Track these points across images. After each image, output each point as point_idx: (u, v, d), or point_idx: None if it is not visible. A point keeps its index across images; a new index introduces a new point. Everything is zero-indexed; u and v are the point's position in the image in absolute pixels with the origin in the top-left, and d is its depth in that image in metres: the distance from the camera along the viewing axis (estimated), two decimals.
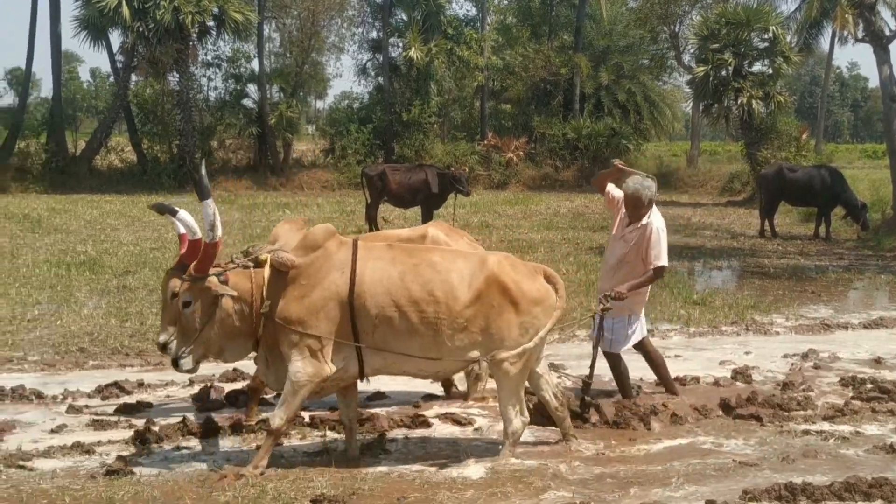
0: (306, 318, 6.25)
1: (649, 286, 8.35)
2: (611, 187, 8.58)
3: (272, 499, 5.80)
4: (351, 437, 6.82)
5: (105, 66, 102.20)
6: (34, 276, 14.55)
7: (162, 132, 37.42)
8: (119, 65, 37.93)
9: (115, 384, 8.44)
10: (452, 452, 6.90)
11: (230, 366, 9.28)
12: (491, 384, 7.58)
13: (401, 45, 41.66)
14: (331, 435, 7.27)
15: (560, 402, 7.10)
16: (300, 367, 6.26)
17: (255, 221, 23.53)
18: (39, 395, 8.27)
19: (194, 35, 36.14)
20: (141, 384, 8.72)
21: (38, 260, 16.24)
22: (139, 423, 7.46)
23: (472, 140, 42.92)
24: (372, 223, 21.71)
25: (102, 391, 8.39)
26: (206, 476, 6.25)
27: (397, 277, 6.36)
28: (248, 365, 9.22)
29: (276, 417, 6.33)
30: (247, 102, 40.65)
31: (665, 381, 8.70)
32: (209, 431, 7.26)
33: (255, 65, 40.62)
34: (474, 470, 6.47)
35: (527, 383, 6.94)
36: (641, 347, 8.62)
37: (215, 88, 41.13)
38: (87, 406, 8.01)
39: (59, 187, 33.64)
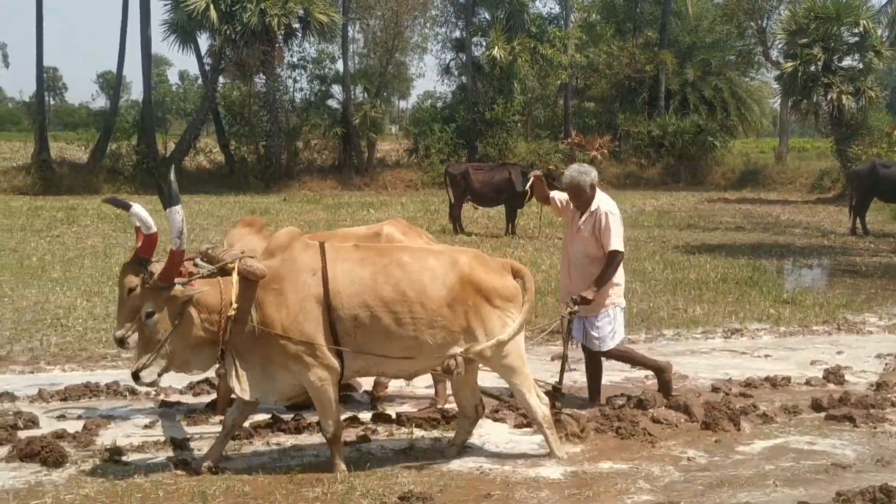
0: (290, 324, 6.13)
1: (620, 277, 8.06)
2: (555, 194, 8.32)
3: (360, 495, 5.84)
4: (222, 441, 6.58)
5: (193, 69, 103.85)
6: None
7: (249, 133, 38.00)
8: (207, 67, 38.59)
9: (207, 381, 8.56)
10: (530, 451, 6.88)
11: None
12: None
13: (484, 44, 41.73)
14: (417, 432, 7.30)
15: (476, 418, 6.97)
16: (314, 376, 6.18)
17: (341, 221, 23.71)
18: (133, 392, 8.43)
19: (280, 37, 36.61)
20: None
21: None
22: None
23: (555, 138, 42.81)
24: (455, 222, 21.77)
25: (194, 387, 8.54)
26: (294, 472, 6.32)
27: (369, 278, 6.25)
28: None
29: (327, 430, 6.30)
30: (331, 103, 41.10)
31: (592, 387, 8.40)
32: (299, 429, 7.33)
33: (339, 66, 41.06)
34: (554, 470, 6.43)
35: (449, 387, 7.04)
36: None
37: (301, 89, 41.73)
38: (179, 402, 8.15)
39: (149, 188, 34.28)
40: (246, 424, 7.28)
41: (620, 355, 8.32)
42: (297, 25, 37.21)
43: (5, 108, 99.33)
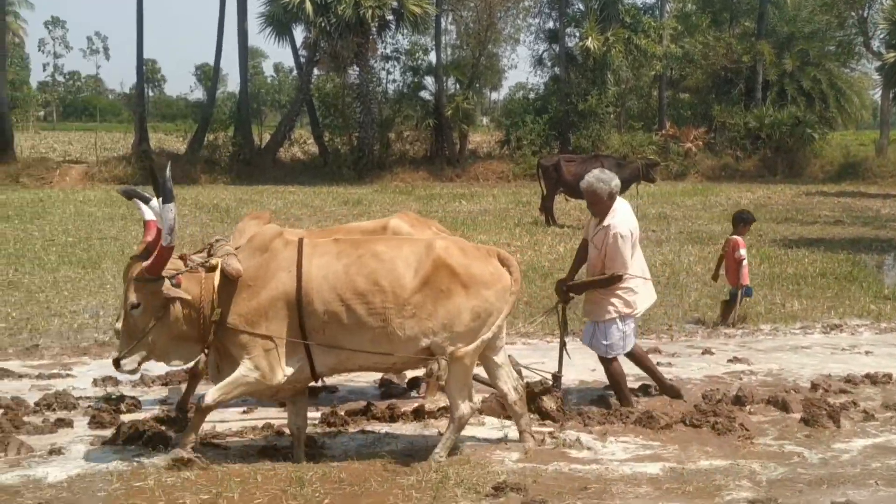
0: (255, 318, 6.16)
1: (630, 289, 7.76)
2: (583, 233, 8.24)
3: (454, 484, 5.87)
4: (299, 444, 6.54)
5: (288, 61, 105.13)
6: None
7: (342, 125, 38.33)
8: (302, 59, 39.07)
9: None
10: (621, 451, 6.83)
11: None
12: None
13: (577, 34, 41.43)
14: (507, 422, 7.30)
15: (520, 396, 6.81)
16: (250, 365, 6.19)
17: (433, 212, 23.80)
18: None
19: (374, 29, 36.89)
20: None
21: None
22: (325, 407, 7.70)
23: (649, 130, 42.36)
24: (548, 214, 21.68)
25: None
26: (388, 460, 6.38)
27: (342, 271, 6.21)
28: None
29: (210, 396, 6.23)
30: (424, 94, 41.28)
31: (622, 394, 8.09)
32: (393, 417, 7.40)
33: (432, 57, 41.19)
34: (651, 466, 6.38)
35: (484, 374, 6.88)
36: (631, 355, 8.15)
37: (394, 81, 41.97)
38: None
39: (245, 178, 34.92)
40: (341, 412, 7.38)
41: (616, 376, 7.93)
42: (390, 17, 37.44)
43: (106, 100, 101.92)
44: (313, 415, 7.34)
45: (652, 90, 46.98)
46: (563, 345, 7.89)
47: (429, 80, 41.42)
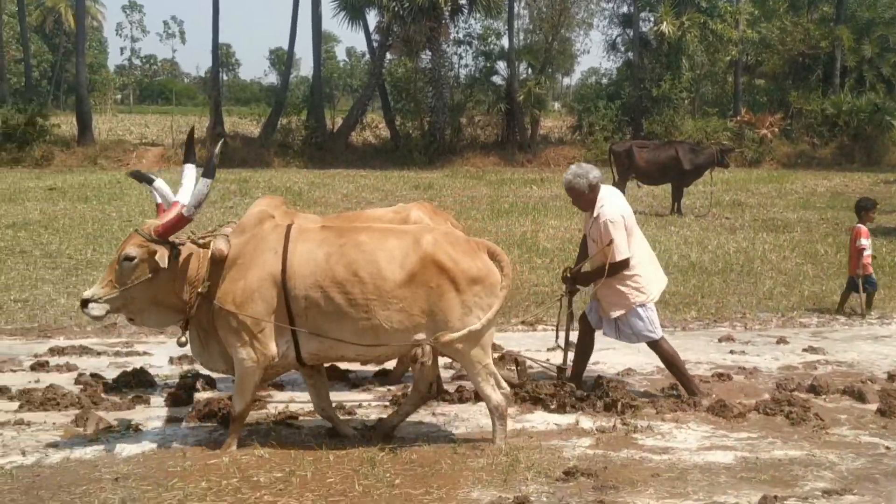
0: (243, 300, 6.17)
1: (637, 276, 7.60)
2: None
3: (525, 468, 5.87)
4: (336, 422, 6.66)
5: (360, 46, 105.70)
6: None
7: (414, 109, 38.43)
8: (374, 44, 39.22)
9: None
10: (692, 439, 6.77)
11: (497, 339, 9.48)
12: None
13: (652, 19, 41.12)
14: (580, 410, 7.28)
15: (431, 395, 6.78)
16: (244, 354, 6.19)
17: (503, 197, 23.77)
18: None
19: (447, 13, 36.91)
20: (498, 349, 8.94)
21: None
22: (394, 388, 7.77)
23: (723, 116, 41.87)
24: None
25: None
26: (458, 443, 6.40)
27: (322, 258, 6.18)
28: (513, 338, 9.42)
29: (235, 405, 6.30)
30: (496, 79, 41.24)
31: (577, 370, 7.98)
32: (462, 399, 7.42)
33: (504, 42, 41.14)
34: (725, 455, 6.31)
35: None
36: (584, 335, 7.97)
37: (466, 66, 41.98)
38: (348, 370, 8.34)
39: (317, 162, 35.20)
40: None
41: (667, 357, 7.78)
42: (463, 2, 37.48)
43: (182, 84, 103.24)
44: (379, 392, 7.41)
45: (727, 75, 46.43)
46: (567, 338, 7.80)
47: (501, 65, 41.40)
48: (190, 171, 6.46)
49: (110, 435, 6.56)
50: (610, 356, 8.86)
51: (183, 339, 6.48)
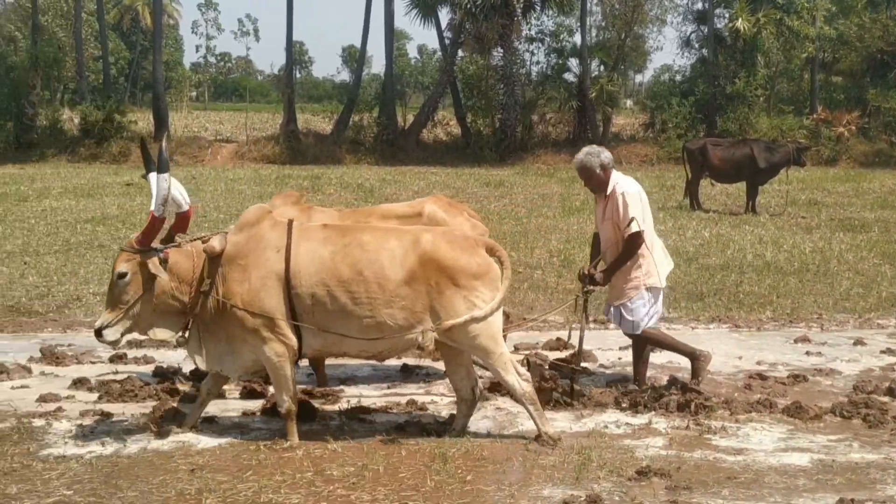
0: (251, 299, 6.23)
1: (648, 257, 7.57)
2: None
3: (597, 467, 5.85)
4: (199, 408, 6.67)
5: (431, 43, 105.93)
6: None
7: (485, 106, 38.39)
8: (446, 41, 39.27)
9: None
10: (767, 440, 6.68)
11: (554, 334, 9.45)
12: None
13: (727, 15, 40.59)
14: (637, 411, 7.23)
15: (474, 398, 6.70)
16: (269, 351, 6.28)
17: (574, 195, 23.66)
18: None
19: (519, 10, 36.87)
20: (515, 349, 8.97)
21: None
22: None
23: (799, 114, 41.20)
24: (693, 199, 21.32)
25: (432, 353, 8.71)
26: (532, 439, 6.40)
27: (328, 258, 6.25)
28: (528, 336, 9.37)
29: (281, 405, 6.37)
30: (568, 76, 40.96)
31: (637, 371, 7.98)
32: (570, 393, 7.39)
33: (577, 38, 40.94)
34: (800, 457, 6.21)
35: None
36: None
37: (537, 63, 41.86)
38: (418, 366, 8.38)
39: (388, 159, 35.35)
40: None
41: (655, 340, 7.84)
42: None
43: (255, 81, 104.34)
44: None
45: (803, 73, 45.68)
46: (581, 337, 7.71)
47: (573, 62, 41.17)
48: (153, 178, 6.44)
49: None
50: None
51: (181, 338, 6.59)
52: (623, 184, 7.53)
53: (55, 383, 7.83)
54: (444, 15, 39.49)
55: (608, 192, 7.55)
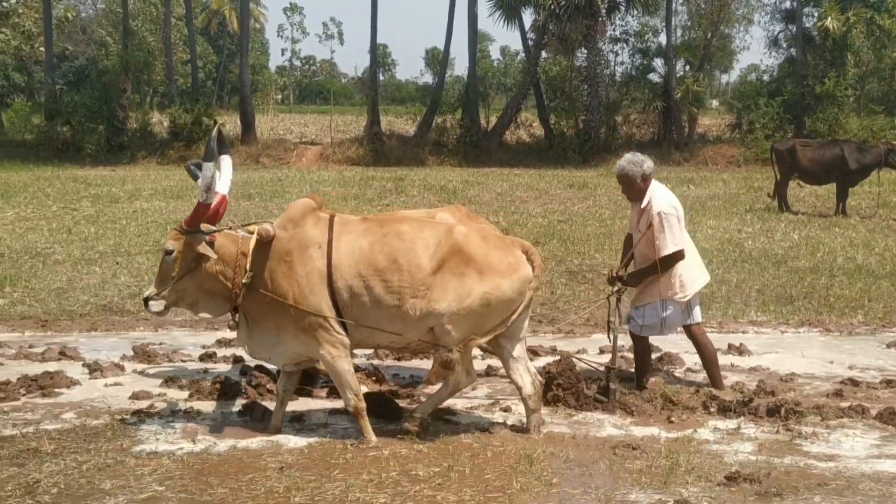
0: (300, 297, 6.31)
1: (677, 271, 7.51)
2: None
3: (685, 471, 5.79)
4: (280, 407, 6.73)
5: (514, 45, 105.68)
6: None
7: (569, 107, 38.24)
8: (530, 42, 39.20)
9: (529, 349, 8.70)
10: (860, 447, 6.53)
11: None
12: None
13: (816, 14, 39.86)
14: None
15: (535, 391, 6.62)
16: (324, 351, 6.35)
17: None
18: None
19: (603, 11, 36.72)
20: (553, 349, 8.98)
21: None
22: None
23: (891, 114, 40.27)
24: (781, 200, 20.96)
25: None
26: (618, 442, 6.35)
27: (367, 248, 6.32)
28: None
29: (348, 403, 6.41)
30: (653, 77, 40.61)
31: (711, 376, 7.82)
32: (606, 410, 7.32)
33: (662, 39, 40.54)
34: (893, 464, 6.05)
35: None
36: (691, 335, 7.87)
37: (621, 63, 41.58)
38: (495, 367, 8.36)
39: (471, 161, 35.41)
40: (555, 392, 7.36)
41: (639, 350, 7.81)
42: None
43: (339, 84, 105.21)
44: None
45: (895, 72, 44.56)
46: (615, 337, 7.60)
47: (658, 62, 40.82)
48: (226, 161, 6.79)
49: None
50: (772, 360, 8.65)
51: (232, 322, 6.74)
52: (660, 201, 7.43)
53: (147, 381, 8.00)
54: (528, 16, 39.50)
55: (644, 205, 7.49)
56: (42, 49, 45.83)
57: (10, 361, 8.61)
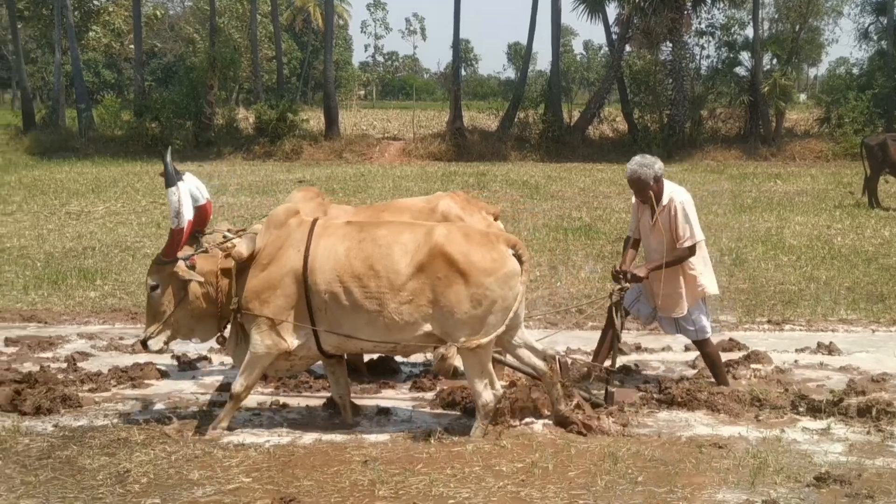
0: (263, 291, 6.37)
1: (703, 266, 7.54)
2: (631, 224, 7.87)
3: (774, 471, 5.70)
4: (346, 410, 6.79)
5: (597, 39, 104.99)
6: (534, 239, 15.38)
7: (653, 102, 37.90)
8: (614, 36, 38.88)
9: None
10: None
11: (726, 335, 9.23)
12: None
13: None
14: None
15: (549, 365, 6.63)
16: (258, 339, 6.40)
17: (745, 192, 23.12)
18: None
19: (689, 4, 36.30)
20: (638, 347, 8.90)
21: (537, 224, 17.18)
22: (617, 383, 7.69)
23: None
24: (871, 196, 20.49)
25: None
26: (704, 440, 6.28)
27: (343, 254, 6.32)
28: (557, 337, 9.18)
29: (237, 384, 6.48)
30: (739, 70, 40.04)
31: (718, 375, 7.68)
32: (692, 408, 7.21)
33: (748, 32, 39.92)
34: None
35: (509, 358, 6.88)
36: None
37: (707, 57, 41.14)
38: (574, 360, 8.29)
39: (553, 156, 35.27)
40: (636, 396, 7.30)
41: (706, 352, 7.70)
42: None
43: (421, 79, 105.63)
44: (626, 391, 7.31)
45: None
46: (616, 338, 7.47)
47: (744, 56, 40.21)
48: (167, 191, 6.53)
49: (361, 419, 6.85)
50: (863, 359, 8.47)
51: (222, 337, 6.76)
52: (678, 195, 7.45)
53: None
54: (612, 10, 39.25)
55: (664, 203, 7.44)
56: (132, 46, 46.80)
57: (102, 353, 8.83)
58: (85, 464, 5.91)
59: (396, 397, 7.48)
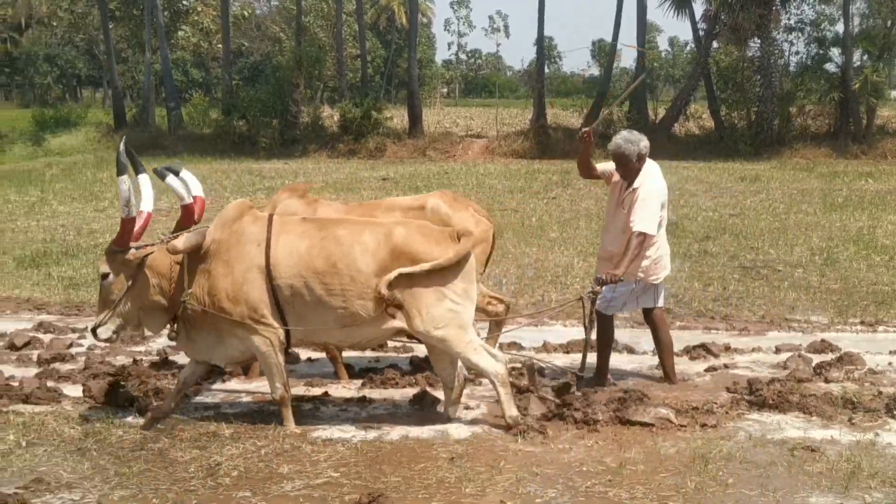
0: (232, 290, 6.42)
1: (656, 253, 7.41)
2: (601, 166, 7.61)
3: (868, 476, 5.57)
4: (176, 400, 6.86)
5: (683, 35, 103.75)
6: None
7: (740, 99, 37.28)
8: (700, 32, 38.38)
9: (702, 346, 8.58)
10: None
11: (818, 336, 9.06)
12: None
13: None
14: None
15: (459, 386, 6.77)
16: (258, 341, 6.50)
17: (836, 190, 22.65)
18: (631, 350, 8.70)
19: (777, 0, 35.52)
20: (727, 347, 8.77)
21: None
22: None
23: None
24: None
25: (690, 352, 8.55)
26: (796, 443, 6.17)
27: (305, 251, 6.41)
28: (528, 336, 9.00)
29: (274, 392, 6.59)
30: (829, 67, 39.17)
31: (663, 363, 7.64)
32: (783, 409, 7.09)
33: (839, 27, 39.07)
34: None
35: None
36: (652, 319, 7.70)
37: (796, 53, 40.40)
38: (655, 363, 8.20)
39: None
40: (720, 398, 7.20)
41: (603, 327, 7.57)
42: None
43: (504, 77, 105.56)
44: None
45: None
46: (587, 341, 7.33)
47: (835, 52, 39.36)
48: (143, 179, 6.91)
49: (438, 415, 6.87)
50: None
51: (172, 333, 6.81)
52: (649, 183, 7.34)
53: (320, 369, 8.20)
54: (699, 6, 38.64)
55: (635, 186, 7.35)
56: (219, 46, 47.52)
57: None
58: (177, 456, 6.04)
59: (480, 393, 7.47)
